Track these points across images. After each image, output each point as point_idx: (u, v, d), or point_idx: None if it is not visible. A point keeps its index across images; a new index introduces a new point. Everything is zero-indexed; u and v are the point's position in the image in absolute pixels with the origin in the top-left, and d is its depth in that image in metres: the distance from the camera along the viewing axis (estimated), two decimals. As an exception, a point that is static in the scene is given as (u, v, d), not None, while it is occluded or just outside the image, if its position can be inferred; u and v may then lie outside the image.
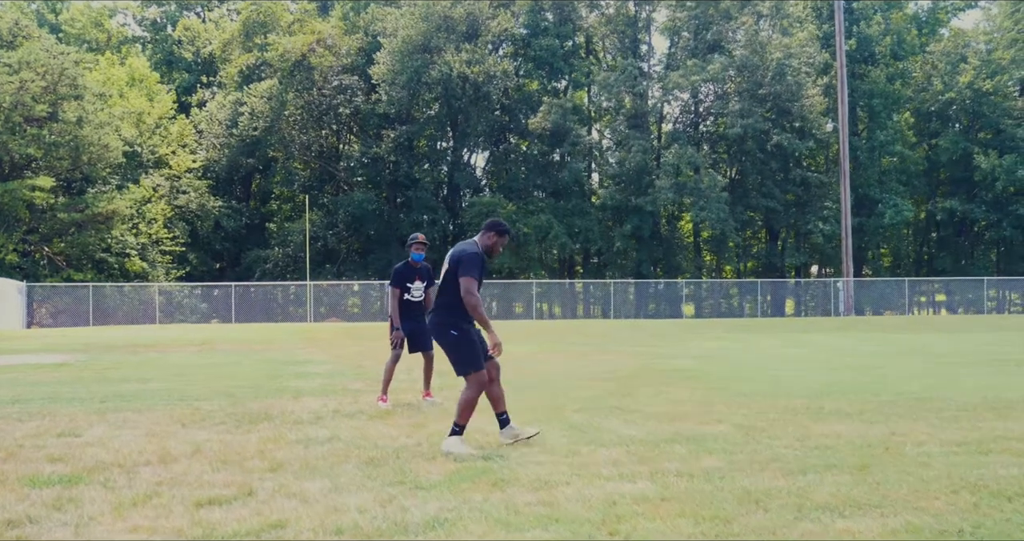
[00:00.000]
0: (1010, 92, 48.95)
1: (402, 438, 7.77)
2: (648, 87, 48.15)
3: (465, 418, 7.20)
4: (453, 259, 7.22)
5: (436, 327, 7.29)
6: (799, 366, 14.59)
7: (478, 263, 7.16)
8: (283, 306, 47.73)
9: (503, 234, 7.43)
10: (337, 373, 13.87)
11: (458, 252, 7.25)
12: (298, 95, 47.25)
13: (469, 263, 7.10)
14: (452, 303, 7.19)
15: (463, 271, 7.09)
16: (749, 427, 8.09)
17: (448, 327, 7.19)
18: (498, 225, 7.46)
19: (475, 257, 7.18)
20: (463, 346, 7.16)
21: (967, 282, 47.11)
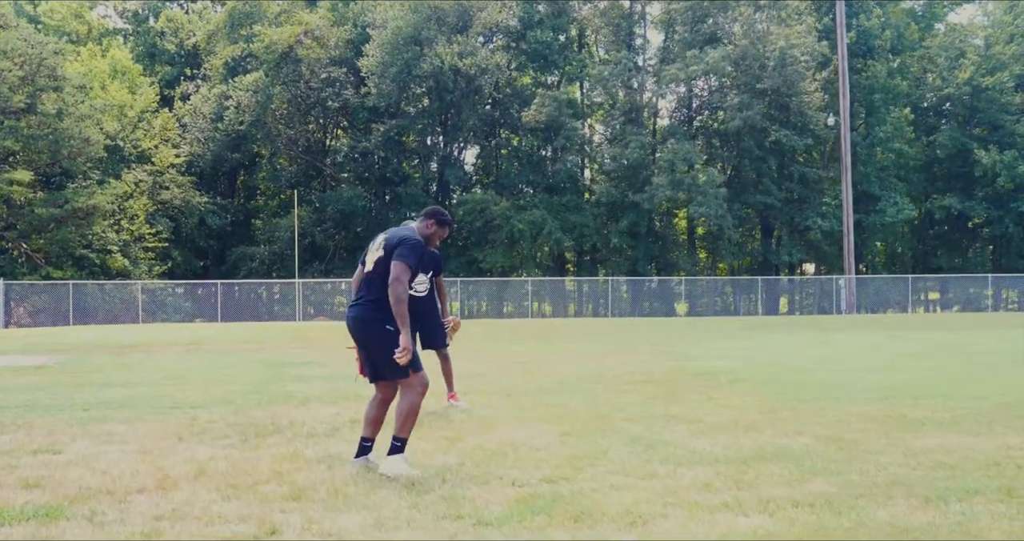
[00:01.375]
0: (1008, 88, 48.17)
1: (439, 455, 6.66)
2: (644, 81, 47.12)
3: (408, 429, 6.08)
4: (389, 244, 6.05)
5: (363, 323, 6.07)
6: (841, 366, 13.54)
7: (418, 252, 6.04)
8: (269, 305, 46.48)
9: (444, 225, 6.39)
10: (342, 376, 12.69)
11: (395, 236, 6.11)
12: (285, 88, 45.97)
13: (409, 249, 5.94)
14: (381, 295, 5.96)
15: (399, 255, 5.91)
16: (837, 439, 7.02)
17: (381, 322, 5.97)
18: (440, 214, 6.42)
19: (417, 245, 6.05)
20: (396, 343, 5.85)
21: (969, 279, 46.35)
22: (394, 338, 5.89)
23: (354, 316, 6.15)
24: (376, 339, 6.06)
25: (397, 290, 5.82)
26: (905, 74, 50.17)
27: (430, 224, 6.32)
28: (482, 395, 10.11)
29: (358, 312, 6.12)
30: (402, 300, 5.81)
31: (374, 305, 6.04)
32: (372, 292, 6.08)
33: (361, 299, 6.15)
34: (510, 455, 6.52)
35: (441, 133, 48.70)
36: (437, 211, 6.43)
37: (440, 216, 6.38)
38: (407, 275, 5.89)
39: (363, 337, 6.15)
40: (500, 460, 6.36)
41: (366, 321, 6.08)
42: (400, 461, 6.00)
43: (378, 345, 6.06)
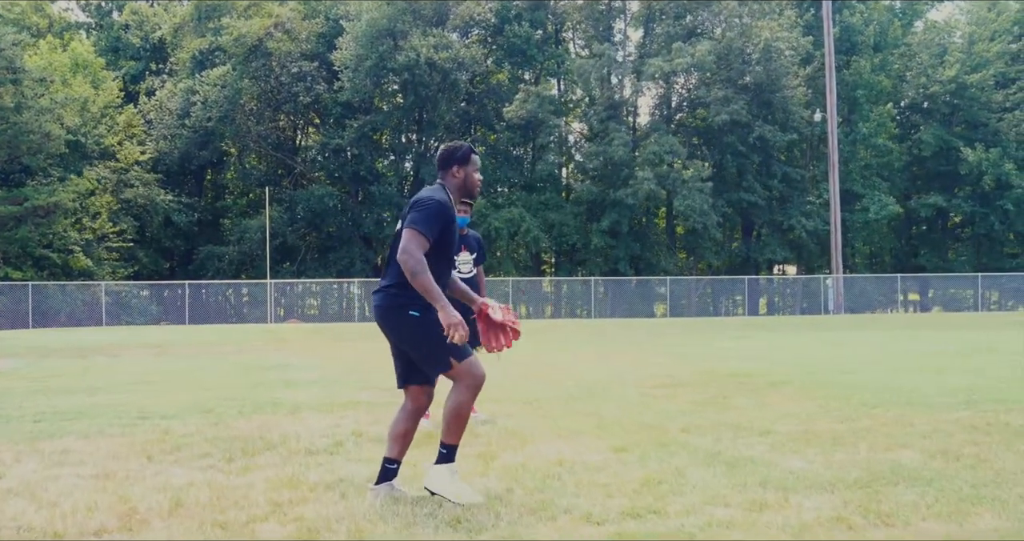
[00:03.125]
0: (990, 85, 47.50)
1: (475, 477, 5.35)
2: (624, 76, 45.96)
3: (456, 435, 4.81)
4: (408, 209, 4.77)
5: (383, 312, 4.77)
6: (881, 368, 12.34)
7: (435, 213, 4.66)
8: (238, 307, 44.90)
9: (468, 157, 4.95)
10: (332, 380, 11.36)
11: (417, 198, 4.79)
12: (254, 83, 44.37)
13: (423, 213, 4.63)
14: (401, 275, 4.68)
15: (410, 221, 4.64)
16: (953, 454, 5.79)
17: (403, 308, 4.70)
18: (457, 148, 4.98)
19: (434, 207, 4.67)
20: (434, 329, 4.60)
21: (957, 279, 45.60)
22: (423, 324, 4.65)
23: (375, 306, 4.84)
24: (401, 330, 4.77)
25: (408, 263, 4.54)
26: (888, 71, 49.40)
27: (456, 170, 4.92)
28: (498, 403, 8.80)
29: (377, 300, 4.81)
30: (418, 272, 4.52)
31: (394, 289, 4.74)
32: (390, 274, 4.79)
33: (380, 285, 4.85)
34: (566, 479, 5.23)
35: (416, 130, 47.28)
36: (453, 148, 4.99)
37: (460, 150, 4.95)
38: (418, 244, 4.58)
39: (387, 330, 4.83)
40: (556, 485, 5.07)
41: (386, 310, 4.77)
42: (447, 473, 4.78)
43: (405, 336, 4.78)
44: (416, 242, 4.57)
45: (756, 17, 44.49)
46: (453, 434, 4.80)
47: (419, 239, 4.58)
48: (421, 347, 4.73)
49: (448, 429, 4.80)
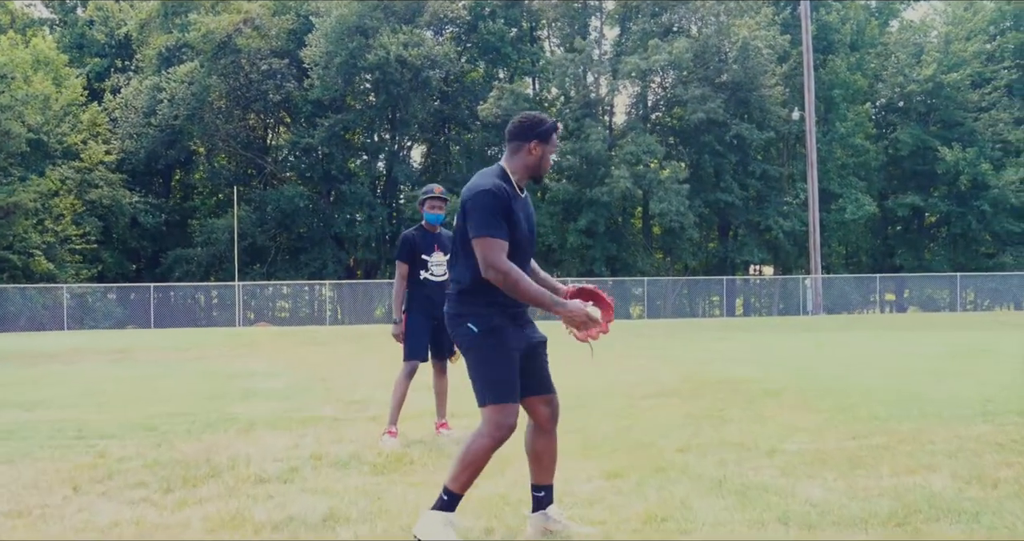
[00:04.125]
0: (967, 85, 47.23)
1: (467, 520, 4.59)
2: (600, 75, 45.28)
3: (464, 482, 4.08)
4: (462, 209, 4.09)
5: (450, 318, 4.16)
6: (879, 373, 11.69)
7: (490, 207, 3.95)
8: (207, 310, 43.85)
9: (549, 136, 4.20)
10: (296, 390, 10.59)
11: (465, 194, 4.10)
12: (223, 80, 43.31)
13: (480, 212, 3.96)
14: (465, 280, 4.10)
15: (475, 229, 3.98)
16: (988, 480, 5.11)
17: (463, 318, 4.08)
18: (538, 124, 4.20)
19: (484, 200, 3.97)
20: (486, 354, 4.02)
21: (936, 278, 45.25)
22: (478, 344, 4.05)
23: (444, 313, 4.27)
24: (459, 341, 4.16)
25: (499, 279, 3.93)
26: (864, 70, 49.05)
27: (533, 146, 4.15)
28: (472, 418, 8.04)
29: (445, 308, 4.24)
30: (514, 282, 3.93)
31: (456, 297, 4.14)
32: (456, 276, 4.20)
33: (449, 288, 4.27)
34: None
35: (388, 128, 46.41)
36: (537, 120, 4.23)
37: (544, 125, 4.19)
38: (498, 250, 3.94)
39: (452, 337, 4.22)
40: (544, 523, 4.34)
41: (451, 317, 4.18)
42: (440, 523, 4.04)
43: (462, 350, 4.18)
44: (494, 250, 3.92)
45: (733, 15, 43.95)
46: (458, 480, 4.08)
47: (495, 244, 3.93)
48: (470, 367, 4.13)
49: (455, 473, 4.08)
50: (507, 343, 4.04)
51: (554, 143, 4.24)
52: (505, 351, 4.04)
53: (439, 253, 7.01)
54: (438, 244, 7.03)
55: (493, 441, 4.02)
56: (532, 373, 4.21)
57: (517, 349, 4.09)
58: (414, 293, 6.93)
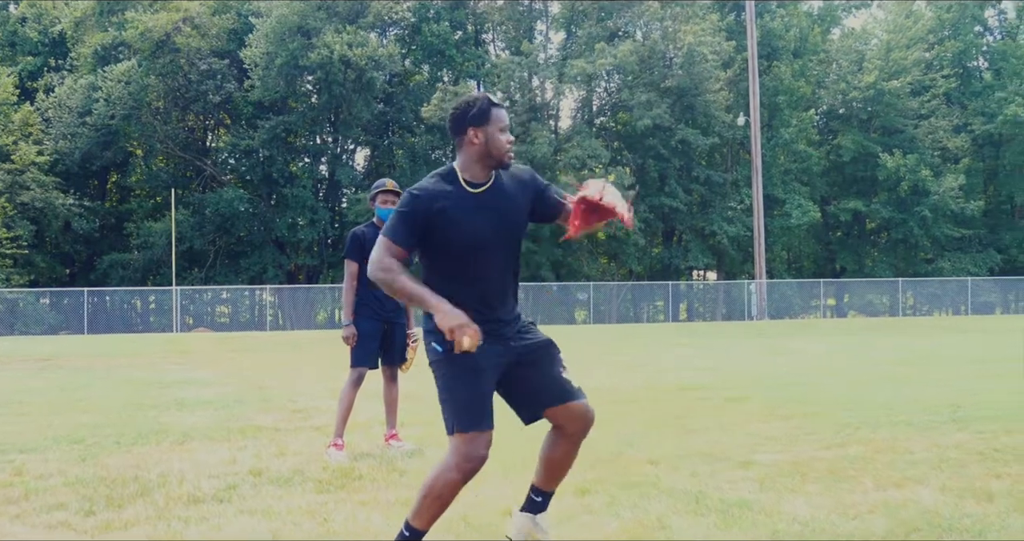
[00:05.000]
0: (907, 92, 47.81)
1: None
2: (546, 78, 45.00)
3: (428, 518, 3.62)
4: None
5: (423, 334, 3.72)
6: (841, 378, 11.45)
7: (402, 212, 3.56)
8: (144, 315, 42.75)
9: (485, 117, 3.65)
10: (233, 399, 10.02)
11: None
12: (161, 80, 42.25)
13: (393, 215, 3.64)
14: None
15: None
16: (981, 493, 4.79)
17: (429, 336, 3.65)
18: (468, 109, 3.69)
19: (405, 200, 3.59)
20: (450, 376, 3.60)
21: (878, 283, 45.65)
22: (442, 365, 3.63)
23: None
24: (430, 364, 3.73)
25: (380, 277, 3.53)
26: (808, 77, 49.42)
27: (473, 135, 3.66)
28: (426, 427, 7.60)
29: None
30: (388, 281, 3.52)
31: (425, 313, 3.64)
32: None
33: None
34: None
35: (331, 131, 45.67)
36: (466, 105, 3.71)
37: (474, 106, 3.66)
38: (383, 250, 3.53)
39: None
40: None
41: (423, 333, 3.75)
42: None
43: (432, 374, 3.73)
44: (379, 249, 3.54)
45: (679, 21, 43.95)
46: (421, 516, 3.62)
47: (384, 244, 3.54)
48: (438, 390, 3.66)
49: (418, 508, 3.62)
50: (475, 362, 3.55)
51: (497, 120, 3.68)
52: (472, 372, 3.57)
53: (395, 252, 6.54)
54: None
55: (461, 474, 3.56)
56: (540, 382, 3.78)
57: (492, 368, 3.62)
58: (363, 295, 6.44)
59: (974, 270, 46.78)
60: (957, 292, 45.32)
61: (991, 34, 54.25)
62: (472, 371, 3.56)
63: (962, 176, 46.59)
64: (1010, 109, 46.45)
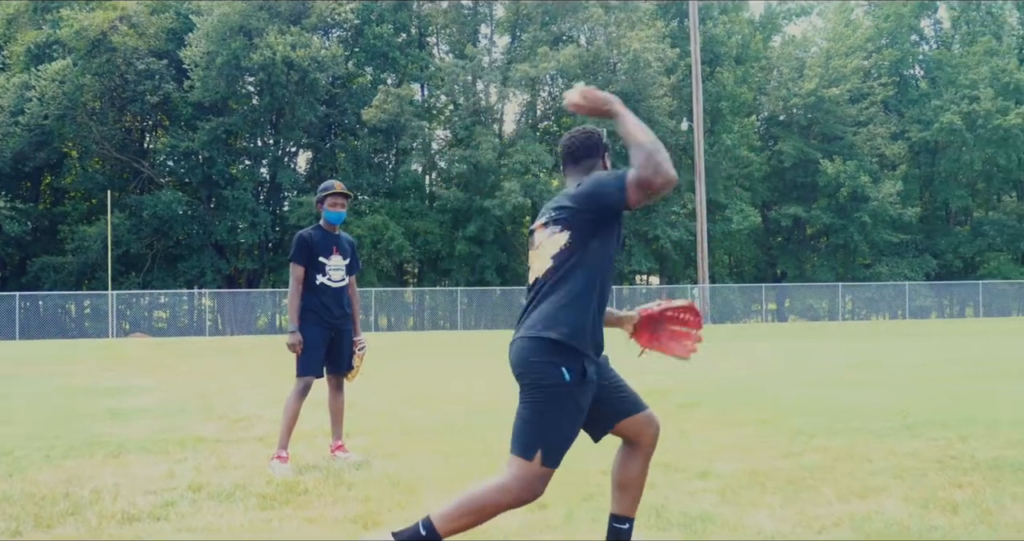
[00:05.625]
0: (845, 100, 48.51)
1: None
2: (490, 82, 44.83)
3: (457, 528, 3.41)
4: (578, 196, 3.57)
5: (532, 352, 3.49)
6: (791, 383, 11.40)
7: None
8: (79, 320, 41.72)
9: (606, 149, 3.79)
10: (173, 407, 9.69)
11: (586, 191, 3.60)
12: (97, 79, 41.32)
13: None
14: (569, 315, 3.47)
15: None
16: (952, 503, 4.70)
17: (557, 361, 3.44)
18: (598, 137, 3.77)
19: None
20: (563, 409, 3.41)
21: (819, 288, 46.17)
22: (564, 395, 3.39)
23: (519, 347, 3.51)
24: (533, 384, 3.45)
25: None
26: (750, 83, 49.87)
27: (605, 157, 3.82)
28: (372, 436, 7.39)
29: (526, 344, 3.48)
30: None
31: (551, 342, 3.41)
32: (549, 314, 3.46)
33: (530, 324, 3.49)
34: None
35: (273, 133, 45.05)
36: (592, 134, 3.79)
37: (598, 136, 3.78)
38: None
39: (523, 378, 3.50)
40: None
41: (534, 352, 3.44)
42: None
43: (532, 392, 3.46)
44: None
45: (624, 26, 44.09)
46: (450, 522, 3.39)
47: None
48: (531, 411, 3.42)
49: (450, 513, 3.39)
50: (583, 404, 3.44)
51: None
52: (581, 412, 3.46)
53: (338, 256, 6.31)
54: (337, 246, 6.33)
55: (515, 501, 3.39)
56: (615, 394, 3.65)
57: (586, 409, 3.49)
58: (309, 300, 6.20)
59: (911, 275, 47.57)
60: (894, 296, 46.03)
61: (927, 43, 55.37)
62: (581, 412, 3.44)
63: (899, 182, 47.41)
64: (945, 117, 47.36)
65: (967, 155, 48.38)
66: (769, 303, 47.10)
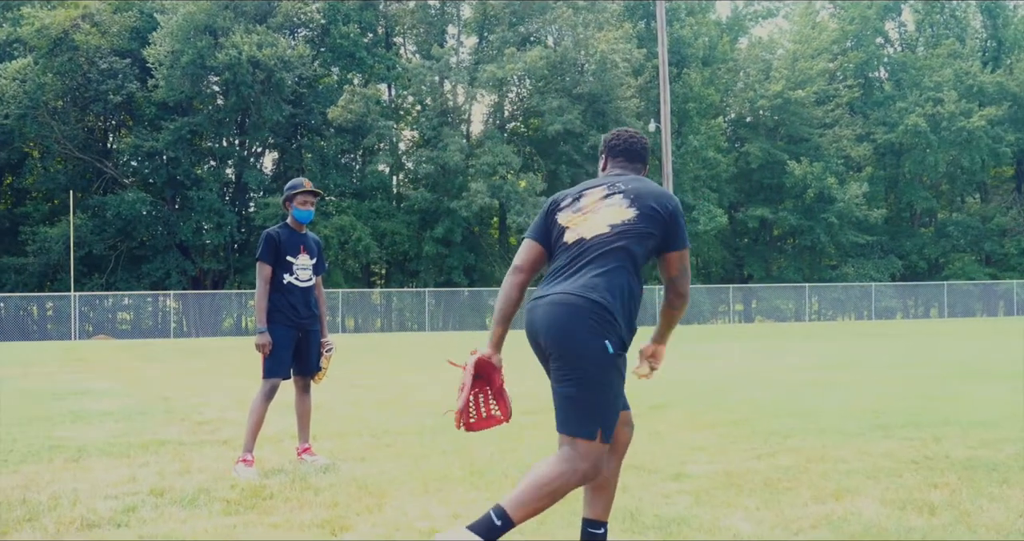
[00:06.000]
0: (812, 101, 48.83)
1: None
2: (458, 82, 44.65)
3: (530, 513, 3.31)
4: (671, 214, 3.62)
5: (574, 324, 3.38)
6: (756, 384, 11.38)
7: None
8: (41, 322, 41.11)
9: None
10: (135, 410, 9.49)
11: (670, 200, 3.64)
12: (59, 79, 40.72)
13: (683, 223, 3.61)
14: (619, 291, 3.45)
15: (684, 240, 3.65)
16: (929, 504, 4.65)
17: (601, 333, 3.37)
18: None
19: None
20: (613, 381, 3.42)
21: (786, 289, 46.42)
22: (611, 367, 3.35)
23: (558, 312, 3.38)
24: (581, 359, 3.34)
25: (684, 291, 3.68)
26: (717, 85, 50.06)
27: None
28: (340, 439, 7.26)
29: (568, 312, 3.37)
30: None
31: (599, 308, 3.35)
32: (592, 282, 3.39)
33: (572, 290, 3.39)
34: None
35: (238, 133, 44.64)
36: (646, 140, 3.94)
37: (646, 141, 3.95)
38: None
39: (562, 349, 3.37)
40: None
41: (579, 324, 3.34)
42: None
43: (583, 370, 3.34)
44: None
45: (591, 28, 44.08)
46: (526, 507, 3.29)
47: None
48: (585, 390, 3.33)
49: (523, 498, 3.28)
50: (625, 375, 3.48)
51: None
52: (623, 383, 3.47)
53: (305, 255, 6.17)
54: (304, 245, 6.20)
55: (584, 480, 3.36)
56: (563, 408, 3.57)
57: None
58: (276, 300, 6.06)
59: (876, 276, 47.94)
60: (860, 297, 46.39)
61: (891, 46, 55.88)
62: (624, 383, 3.49)
63: (865, 184, 47.80)
64: (910, 119, 47.79)
65: (931, 157, 48.83)
66: (736, 304, 47.31)
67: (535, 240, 3.66)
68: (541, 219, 3.69)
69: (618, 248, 3.42)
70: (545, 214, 3.68)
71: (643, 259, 3.48)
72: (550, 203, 3.71)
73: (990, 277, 49.35)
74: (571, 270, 3.44)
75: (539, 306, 3.43)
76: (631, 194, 3.52)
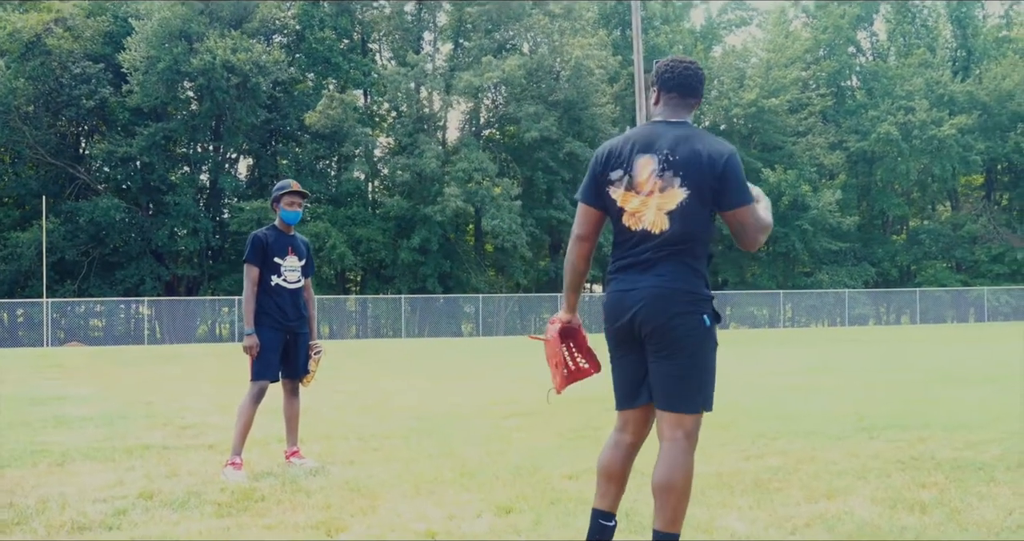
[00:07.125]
0: (785, 110, 49.19)
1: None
2: (434, 89, 44.63)
3: (681, 519, 3.41)
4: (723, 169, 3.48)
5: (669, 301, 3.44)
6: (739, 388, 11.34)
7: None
8: (12, 329, 40.67)
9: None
10: (115, 415, 9.40)
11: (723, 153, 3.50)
12: (31, 83, 40.32)
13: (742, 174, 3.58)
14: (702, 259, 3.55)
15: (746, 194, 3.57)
16: (920, 503, 4.71)
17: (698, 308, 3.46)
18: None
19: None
20: (713, 353, 3.53)
21: (759, 296, 46.68)
22: (711, 340, 3.48)
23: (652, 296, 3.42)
24: (683, 336, 3.38)
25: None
26: (692, 93, 50.22)
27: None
28: (328, 442, 7.24)
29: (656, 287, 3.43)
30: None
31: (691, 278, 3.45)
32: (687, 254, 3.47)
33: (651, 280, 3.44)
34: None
35: (213, 138, 44.38)
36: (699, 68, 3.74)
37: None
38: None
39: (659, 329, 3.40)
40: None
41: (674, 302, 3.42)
42: None
43: (686, 345, 3.38)
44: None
45: (567, 35, 44.21)
46: (681, 517, 3.40)
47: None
48: (690, 366, 3.40)
49: (678, 512, 3.37)
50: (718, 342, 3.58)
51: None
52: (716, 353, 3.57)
53: (293, 257, 6.16)
54: (292, 247, 6.18)
55: (693, 451, 3.48)
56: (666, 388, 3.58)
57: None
58: (263, 303, 6.03)
59: (850, 283, 48.29)
60: (834, 304, 46.72)
61: (863, 55, 56.37)
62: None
63: (839, 191, 48.18)
64: (882, 127, 48.20)
65: (903, 165, 49.27)
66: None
67: (591, 206, 3.66)
68: (591, 181, 3.62)
69: (686, 239, 3.42)
70: (595, 178, 3.61)
71: (710, 231, 3.50)
72: (597, 164, 3.62)
73: (961, 284, 49.81)
74: (648, 265, 3.47)
75: (628, 295, 3.50)
76: (681, 167, 3.41)
